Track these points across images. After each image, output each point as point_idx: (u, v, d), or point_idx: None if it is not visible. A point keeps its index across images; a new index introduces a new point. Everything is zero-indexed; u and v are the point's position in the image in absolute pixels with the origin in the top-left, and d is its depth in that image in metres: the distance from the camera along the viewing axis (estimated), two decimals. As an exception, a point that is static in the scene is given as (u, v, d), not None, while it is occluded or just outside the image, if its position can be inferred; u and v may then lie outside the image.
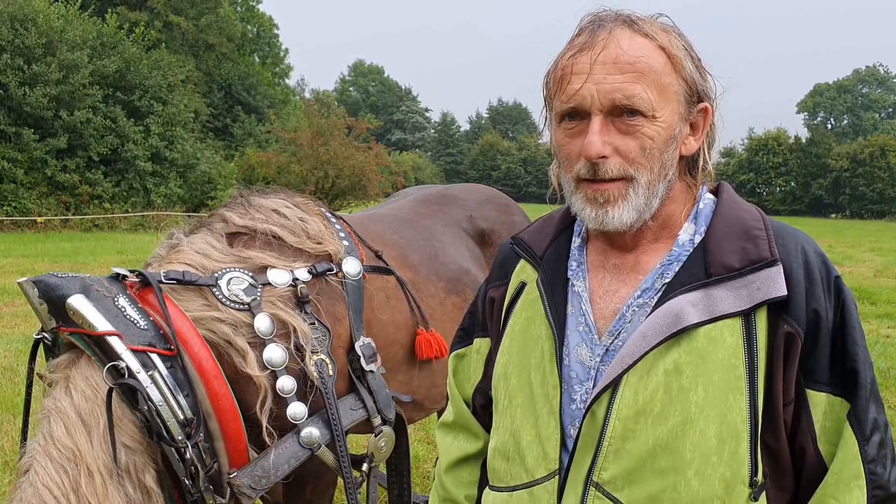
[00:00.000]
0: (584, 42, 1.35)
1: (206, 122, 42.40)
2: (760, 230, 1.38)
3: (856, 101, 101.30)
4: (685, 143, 1.42)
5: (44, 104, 28.26)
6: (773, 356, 1.31)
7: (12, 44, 28.13)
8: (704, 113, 1.43)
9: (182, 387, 2.09)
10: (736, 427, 1.30)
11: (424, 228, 3.29)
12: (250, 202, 2.63)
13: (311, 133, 33.16)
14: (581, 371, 1.43)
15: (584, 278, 1.50)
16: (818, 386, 1.33)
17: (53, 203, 29.23)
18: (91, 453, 2.00)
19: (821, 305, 1.32)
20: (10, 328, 9.07)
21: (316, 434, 2.32)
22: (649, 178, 1.36)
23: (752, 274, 1.32)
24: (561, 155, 1.43)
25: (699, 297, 1.33)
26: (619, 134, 1.34)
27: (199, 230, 2.53)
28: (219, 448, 2.16)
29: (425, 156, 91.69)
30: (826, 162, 69.42)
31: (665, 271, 1.40)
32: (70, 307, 2.05)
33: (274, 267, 2.42)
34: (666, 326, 1.32)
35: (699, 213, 1.46)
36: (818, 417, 1.34)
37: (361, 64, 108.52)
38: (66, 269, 14.83)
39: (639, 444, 1.32)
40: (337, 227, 2.76)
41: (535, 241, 1.61)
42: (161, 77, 33.52)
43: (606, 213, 1.37)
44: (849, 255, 20.62)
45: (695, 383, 1.30)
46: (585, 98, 1.33)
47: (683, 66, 1.37)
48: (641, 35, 1.35)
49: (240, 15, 53.62)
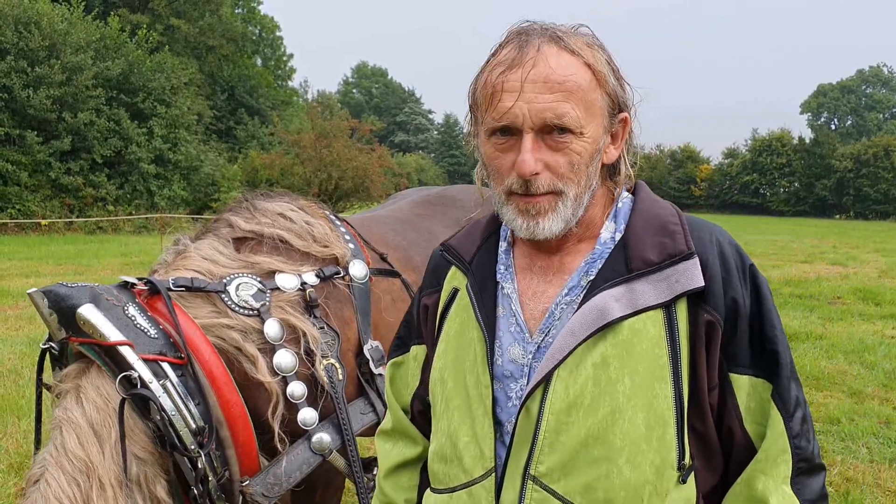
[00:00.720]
0: (513, 59, 1.38)
1: (210, 124, 42.45)
2: (676, 225, 1.45)
3: (860, 102, 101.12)
4: (606, 152, 1.47)
5: (47, 106, 28.33)
6: (695, 344, 1.38)
7: (16, 46, 28.20)
8: (624, 122, 1.49)
9: (193, 395, 2.08)
10: (662, 414, 1.35)
11: (426, 230, 3.29)
12: (256, 206, 2.62)
13: (314, 135, 33.24)
14: (515, 369, 1.48)
15: (512, 280, 1.55)
16: (741, 370, 1.41)
17: (57, 205, 29.27)
18: (103, 465, 1.99)
19: (738, 293, 1.39)
20: (14, 331, 9.08)
21: (327, 439, 2.31)
22: (577, 192, 1.41)
23: (670, 267, 1.38)
24: (491, 168, 1.47)
25: (622, 292, 1.38)
26: (549, 150, 1.38)
27: (206, 236, 2.52)
28: (230, 456, 2.15)
29: (428, 157, 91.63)
30: (830, 163, 69.22)
31: (589, 269, 1.46)
32: (80, 317, 2.04)
33: (282, 271, 2.41)
34: (592, 321, 1.37)
35: (618, 211, 1.52)
36: (742, 399, 1.41)
37: (364, 66, 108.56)
38: (70, 271, 14.88)
39: (572, 435, 1.36)
40: (342, 229, 2.75)
41: (464, 247, 1.66)
42: (164, 79, 33.58)
43: (537, 224, 1.42)
44: (853, 255, 20.55)
45: (621, 374, 1.36)
46: (518, 117, 1.36)
47: (607, 80, 1.42)
48: (568, 52, 1.38)
49: (241, 17, 53.67)
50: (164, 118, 33.08)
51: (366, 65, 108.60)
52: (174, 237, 2.57)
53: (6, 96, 27.59)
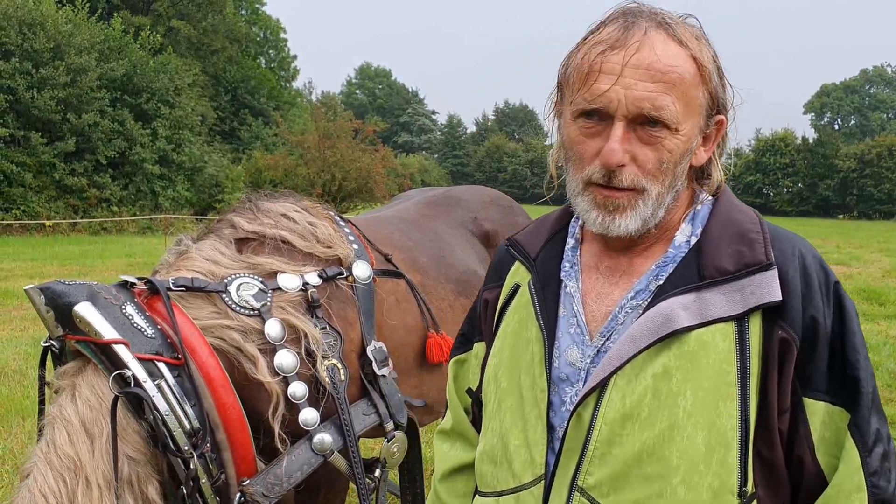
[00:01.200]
0: (616, 39, 1.29)
1: (213, 125, 42.47)
2: (757, 233, 1.35)
3: (863, 102, 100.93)
4: (696, 154, 1.39)
5: (52, 108, 28.36)
6: (767, 363, 1.27)
7: (21, 48, 28.25)
8: (719, 125, 1.41)
9: (189, 396, 2.07)
10: (725, 435, 1.26)
11: (431, 230, 3.28)
12: (259, 207, 2.61)
13: (317, 136, 33.24)
14: (571, 373, 1.41)
15: (576, 279, 1.47)
16: (816, 395, 1.29)
17: (62, 206, 29.31)
18: (91, 464, 1.98)
19: (819, 312, 1.29)
20: (19, 331, 9.09)
21: (328, 440, 2.30)
22: (660, 191, 1.33)
23: (745, 278, 1.29)
24: (572, 152, 1.38)
25: (691, 300, 1.30)
26: (639, 143, 1.30)
27: (208, 236, 2.52)
28: (226, 459, 2.14)
29: (432, 158, 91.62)
30: (833, 162, 69.11)
31: (660, 273, 1.38)
32: (77, 315, 2.03)
33: (284, 272, 2.40)
34: (656, 329, 1.29)
35: (696, 214, 1.43)
36: (816, 427, 1.30)
37: (368, 66, 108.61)
38: (75, 271, 14.89)
39: (625, 448, 1.29)
40: (346, 230, 2.74)
41: (530, 243, 1.59)
42: (168, 80, 33.62)
43: (614, 220, 1.34)
44: (857, 255, 20.49)
45: (684, 388, 1.27)
46: (612, 101, 1.27)
47: (711, 78, 1.33)
48: (676, 41, 1.30)
49: (245, 18, 53.71)
50: (167, 119, 33.11)
51: (369, 66, 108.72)
52: (177, 238, 2.56)
53: (11, 98, 27.62)
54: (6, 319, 9.81)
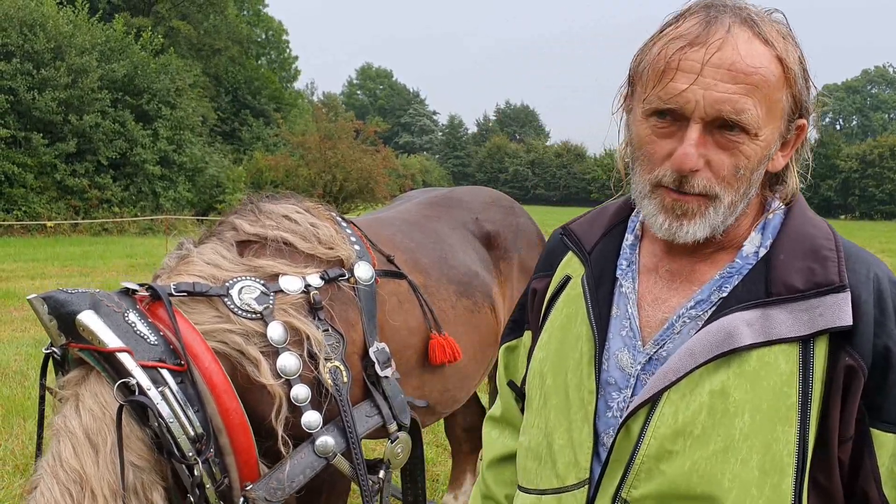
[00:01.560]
0: (696, 35, 1.21)
1: (214, 125, 42.47)
2: (831, 251, 1.26)
3: (865, 102, 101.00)
4: (773, 160, 1.31)
5: (53, 108, 28.33)
6: (831, 389, 1.20)
7: (21, 49, 28.24)
8: (800, 130, 1.33)
9: (192, 402, 2.07)
10: (781, 460, 1.19)
11: (433, 231, 3.28)
12: (261, 208, 2.61)
13: (318, 136, 33.21)
14: (620, 378, 1.35)
15: (633, 280, 1.40)
16: (886, 426, 1.22)
17: (63, 207, 29.30)
18: (97, 475, 1.98)
19: (892, 340, 1.20)
20: (20, 332, 9.10)
21: (331, 443, 2.29)
22: (733, 199, 1.26)
23: (815, 298, 1.21)
24: (641, 152, 1.30)
25: (756, 317, 1.22)
26: (715, 147, 1.23)
27: (209, 239, 2.51)
28: (229, 463, 2.14)
29: (433, 158, 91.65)
30: (835, 163, 69.11)
31: (724, 284, 1.31)
32: (80, 323, 2.03)
33: (286, 274, 2.40)
34: (716, 344, 1.22)
35: (767, 223, 1.35)
36: (884, 460, 1.22)
37: (369, 67, 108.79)
38: (76, 272, 14.91)
39: (674, 466, 1.23)
40: (348, 231, 2.74)
41: (586, 234, 1.51)
42: (169, 81, 33.61)
43: (681, 226, 1.27)
44: (859, 256, 20.45)
45: (741, 409, 1.20)
46: (689, 102, 1.20)
47: (796, 80, 1.26)
48: (761, 40, 1.22)
49: (247, 19, 53.79)
50: (168, 120, 33.09)
51: (370, 66, 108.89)
52: (178, 241, 2.56)
53: (12, 98, 27.61)
54: (7, 320, 9.82)
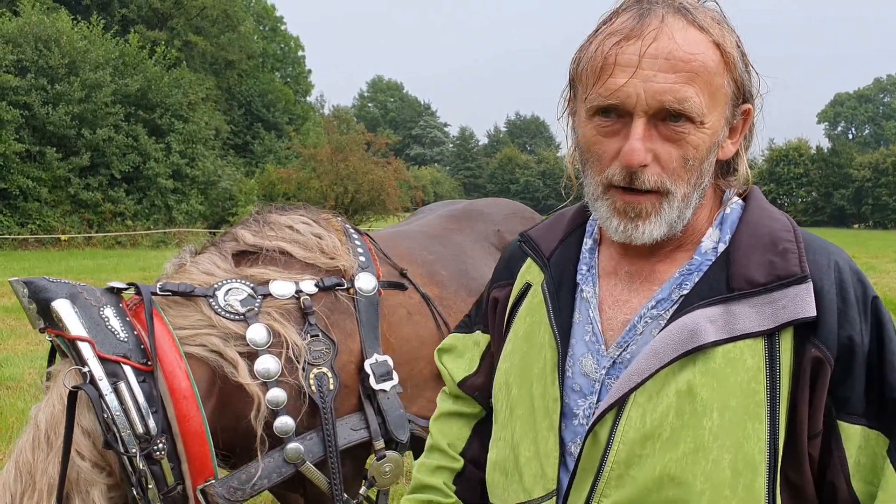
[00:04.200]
0: (631, 29, 1.20)
1: (227, 139, 42.73)
2: (791, 242, 1.24)
3: (877, 111, 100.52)
4: (723, 147, 1.30)
5: (67, 123, 28.61)
6: (798, 382, 1.18)
7: (36, 64, 28.54)
8: (746, 115, 1.32)
9: (152, 402, 2.07)
10: (753, 458, 1.16)
11: (455, 244, 3.29)
12: (266, 220, 2.64)
13: (330, 149, 33.36)
14: (585, 384, 1.32)
15: (594, 284, 1.38)
16: (852, 418, 1.19)
17: (77, 221, 29.53)
18: (40, 470, 2.03)
19: (855, 329, 1.19)
20: (34, 346, 9.13)
21: (301, 450, 2.27)
22: (685, 191, 1.24)
23: (778, 291, 1.19)
24: (589, 154, 1.28)
25: (718, 313, 1.20)
26: (661, 140, 1.21)
27: (207, 250, 2.54)
28: (184, 470, 2.13)
29: (444, 170, 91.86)
30: (848, 172, 68.71)
31: (684, 281, 1.28)
32: (53, 310, 2.07)
33: (276, 280, 2.42)
34: (680, 343, 1.19)
35: (725, 218, 1.33)
36: (852, 452, 1.20)
37: (380, 80, 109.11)
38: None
39: (644, 471, 1.20)
40: (356, 242, 2.75)
41: (544, 240, 1.50)
42: (182, 95, 33.88)
43: (636, 227, 1.25)
44: (873, 265, 20.33)
45: (709, 408, 1.17)
46: (630, 97, 1.18)
47: (736, 65, 1.24)
48: (696, 27, 1.20)
49: (264, 34, 54.34)
50: (181, 134, 33.34)
51: (381, 79, 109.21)
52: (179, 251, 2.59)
53: (27, 113, 27.88)
54: (22, 334, 9.86)
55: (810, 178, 72.18)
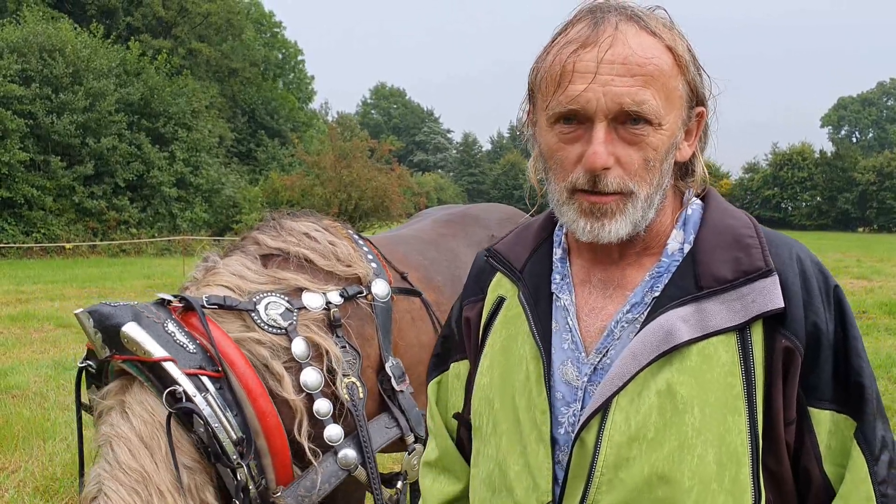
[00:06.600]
0: (587, 37, 1.23)
1: (231, 146, 42.87)
2: (753, 238, 1.29)
3: (881, 114, 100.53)
4: (680, 149, 1.33)
5: (71, 132, 28.77)
6: (772, 373, 1.22)
7: (41, 73, 28.71)
8: (700, 117, 1.35)
9: (230, 407, 2.14)
10: (736, 450, 1.20)
11: (448, 250, 3.30)
12: (282, 225, 2.69)
13: (333, 156, 33.44)
14: (567, 392, 1.33)
15: (570, 292, 1.40)
16: (821, 403, 1.24)
17: (81, 229, 29.64)
18: (158, 475, 2.06)
19: (820, 318, 1.24)
20: (39, 354, 9.15)
21: (352, 455, 2.35)
22: (648, 192, 1.27)
23: (745, 286, 1.23)
24: (552, 161, 1.31)
25: (690, 312, 1.24)
26: (621, 143, 1.24)
27: (234, 252, 2.59)
28: (266, 465, 2.21)
29: (447, 176, 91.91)
30: (852, 176, 68.76)
31: (655, 284, 1.32)
32: (125, 335, 2.11)
33: (308, 290, 2.47)
34: (656, 344, 1.23)
35: (687, 219, 1.37)
36: (823, 437, 1.24)
37: (383, 87, 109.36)
38: (94, 293, 15.00)
39: (633, 472, 1.22)
40: (364, 249, 2.79)
41: (513, 253, 1.51)
42: (185, 103, 34.01)
43: (603, 226, 1.28)
44: (878, 269, 20.26)
45: (690, 404, 1.21)
46: (590, 102, 1.21)
47: (688, 68, 1.28)
48: (648, 33, 1.25)
49: (265, 41, 54.49)
50: (185, 142, 33.49)
51: (384, 86, 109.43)
52: (203, 255, 2.65)
53: (31, 123, 28.03)
54: (27, 342, 9.89)
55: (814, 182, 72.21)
